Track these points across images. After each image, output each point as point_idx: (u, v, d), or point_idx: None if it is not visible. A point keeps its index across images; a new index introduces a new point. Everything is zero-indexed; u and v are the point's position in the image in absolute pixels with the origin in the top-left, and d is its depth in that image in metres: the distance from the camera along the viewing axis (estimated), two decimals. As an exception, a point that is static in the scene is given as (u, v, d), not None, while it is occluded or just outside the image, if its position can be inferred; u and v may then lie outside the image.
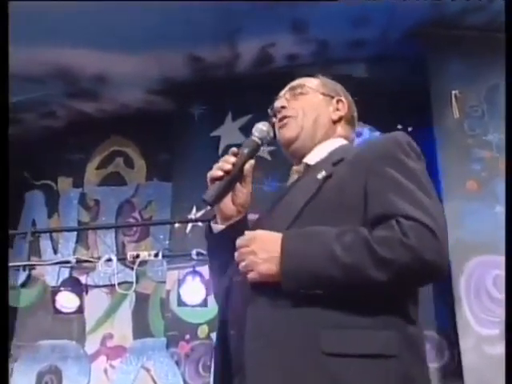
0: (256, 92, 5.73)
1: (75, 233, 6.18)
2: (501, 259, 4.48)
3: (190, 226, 5.51)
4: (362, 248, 1.41)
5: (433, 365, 4.79)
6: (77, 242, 6.14)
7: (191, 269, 4.87)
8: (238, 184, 1.73)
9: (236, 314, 1.57)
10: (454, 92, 4.96)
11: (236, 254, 1.52)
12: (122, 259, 5.25)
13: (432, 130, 4.98)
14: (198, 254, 4.85)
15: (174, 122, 6.06)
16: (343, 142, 1.81)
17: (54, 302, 4.99)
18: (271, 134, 1.79)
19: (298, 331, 1.42)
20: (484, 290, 4.48)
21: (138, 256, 5.04)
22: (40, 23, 4.83)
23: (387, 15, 5.09)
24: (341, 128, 1.85)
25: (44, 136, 6.39)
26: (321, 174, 1.59)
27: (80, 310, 5.07)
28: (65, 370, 5.66)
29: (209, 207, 1.74)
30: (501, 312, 4.40)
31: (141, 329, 5.69)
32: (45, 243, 6.13)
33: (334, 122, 1.84)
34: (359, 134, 5.46)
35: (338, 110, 1.86)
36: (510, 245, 2.01)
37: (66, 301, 5.01)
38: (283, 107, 1.83)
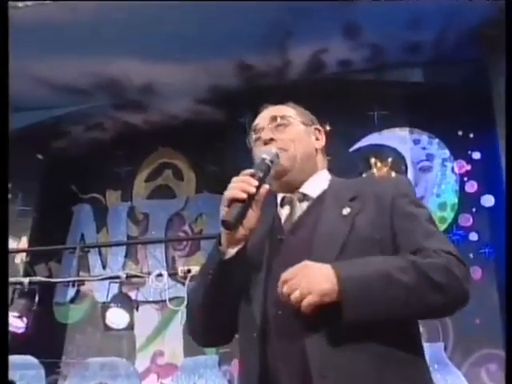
0: (308, 99, 5.67)
1: (124, 247, 6.19)
2: None
3: (240, 239, 5.42)
4: (417, 271, 1.52)
5: (500, 386, 4.61)
6: (126, 256, 6.14)
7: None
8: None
9: (282, 349, 1.58)
10: (517, 96, 4.80)
11: (284, 287, 1.51)
12: (172, 274, 5.23)
13: (495, 136, 4.82)
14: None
15: (223, 132, 6.00)
16: (328, 173, 1.93)
17: (103, 318, 4.98)
18: (279, 157, 1.80)
19: (361, 368, 1.49)
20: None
21: (189, 271, 5.00)
22: (88, 33, 4.86)
23: (444, 16, 4.98)
24: (322, 157, 1.95)
25: (91, 148, 6.43)
26: (345, 211, 1.70)
27: (130, 326, 5.08)
28: (115, 388, 5.65)
29: (227, 230, 1.63)
30: None
31: (192, 346, 5.56)
32: (94, 258, 6.14)
33: (316, 152, 1.93)
34: (417, 142, 5.36)
35: (317, 139, 1.95)
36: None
37: (116, 317, 5.01)
38: (272, 139, 1.85)
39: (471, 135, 5.25)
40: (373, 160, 5.39)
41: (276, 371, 1.56)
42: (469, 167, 5.25)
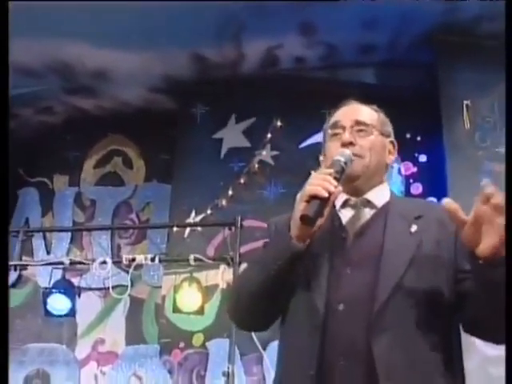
0: (261, 94, 5.73)
1: (69, 233, 6.14)
2: (509, 276, 4.44)
3: (188, 230, 5.46)
4: None
5: None
6: (71, 242, 6.09)
7: (188, 274, 4.84)
8: None
9: (343, 344, 1.65)
10: (465, 102, 4.92)
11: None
12: (117, 262, 5.21)
13: (441, 140, 4.94)
14: (196, 259, 4.84)
15: (175, 122, 6.00)
16: (388, 186, 1.98)
17: (44, 303, 4.95)
18: (352, 161, 1.84)
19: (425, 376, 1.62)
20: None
21: (133, 259, 5.02)
22: (41, 16, 4.79)
23: (398, 19, 5.05)
24: (386, 170, 2.01)
25: (40, 132, 6.36)
26: (413, 228, 1.79)
27: (72, 313, 5.07)
28: (53, 374, 5.61)
29: (305, 225, 1.70)
30: (508, 331, 4.34)
31: (134, 335, 5.66)
32: (37, 243, 6.08)
33: (386, 165, 1.98)
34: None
35: (390, 153, 1.99)
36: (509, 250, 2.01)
37: (58, 303, 5.00)
38: (351, 143, 1.89)
39: (418, 138, 5.35)
40: (321, 158, 5.45)
41: (334, 364, 1.64)
42: (415, 169, 5.35)
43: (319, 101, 5.57)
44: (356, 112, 1.98)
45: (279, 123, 5.50)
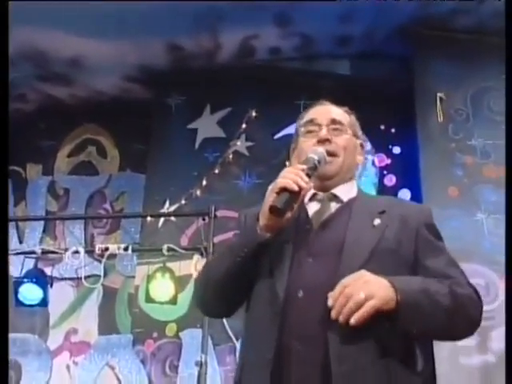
0: (236, 85, 5.73)
1: (42, 222, 6.10)
2: (480, 268, 4.49)
3: (162, 220, 5.47)
4: (455, 299, 1.69)
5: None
6: (43, 231, 6.06)
7: (161, 264, 4.83)
8: None
9: (301, 329, 1.70)
10: (439, 94, 4.97)
11: (346, 289, 1.62)
12: (89, 251, 5.20)
13: (415, 132, 4.99)
14: (169, 249, 4.83)
15: (150, 111, 5.99)
16: (356, 184, 2.05)
17: (16, 293, 4.92)
18: (326, 158, 1.90)
19: (378, 362, 1.64)
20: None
21: (106, 249, 5.00)
22: (14, 3, 4.72)
23: (374, 12, 5.09)
24: (356, 171, 2.08)
25: (13, 120, 6.27)
26: (376, 222, 1.85)
27: (44, 303, 5.02)
28: (25, 365, 5.57)
29: (274, 216, 1.76)
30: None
31: (107, 324, 5.64)
32: (10, 232, 6.03)
33: (356, 166, 2.06)
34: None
35: (360, 154, 2.06)
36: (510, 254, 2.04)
37: (29, 293, 4.96)
38: (328, 140, 1.95)
39: (393, 130, 5.39)
40: (292, 153, 5.46)
41: (291, 349, 1.69)
42: (389, 161, 5.40)
43: (294, 92, 5.61)
44: (331, 111, 2.04)
45: (254, 114, 5.51)
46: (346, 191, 1.97)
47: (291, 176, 1.75)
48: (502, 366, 2.40)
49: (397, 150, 5.40)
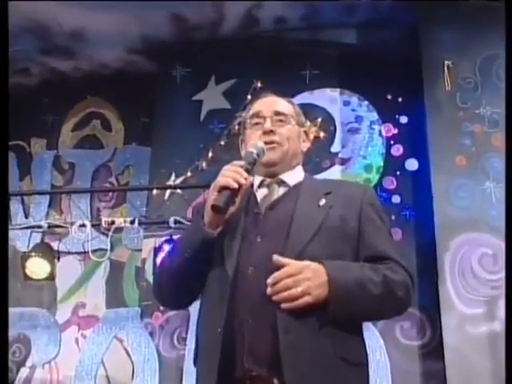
0: (241, 56, 5.69)
1: (48, 197, 6.10)
2: (488, 237, 4.50)
3: (168, 192, 5.46)
4: (386, 286, 1.85)
5: (413, 342, 4.81)
6: (49, 206, 6.07)
7: (168, 237, 4.85)
8: None
9: (251, 304, 1.82)
10: (446, 62, 4.93)
11: (287, 280, 1.77)
12: (96, 225, 5.25)
13: (422, 101, 4.96)
14: (176, 221, 4.86)
15: (154, 83, 5.96)
16: (302, 169, 2.21)
17: (23, 267, 4.96)
18: (265, 151, 2.05)
19: (318, 331, 1.80)
20: (469, 268, 4.50)
21: (113, 222, 5.05)
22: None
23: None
24: (302, 157, 2.23)
25: (16, 94, 6.26)
26: (322, 202, 2.00)
27: (51, 277, 5.09)
28: (34, 339, 5.63)
29: (216, 214, 1.88)
30: (485, 291, 4.43)
31: (114, 298, 5.67)
32: (16, 207, 6.05)
33: (301, 152, 2.22)
34: (347, 103, 5.44)
35: (304, 141, 2.22)
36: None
37: (37, 267, 5.02)
38: (272, 131, 2.10)
39: (400, 99, 5.34)
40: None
41: (242, 321, 1.81)
42: (395, 131, 5.37)
43: (300, 62, 5.58)
44: (275, 103, 2.20)
45: (260, 84, 5.47)
46: (292, 176, 2.12)
47: (230, 174, 1.88)
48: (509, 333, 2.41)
49: (404, 119, 5.36)
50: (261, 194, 2.09)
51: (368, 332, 5.12)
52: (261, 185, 2.11)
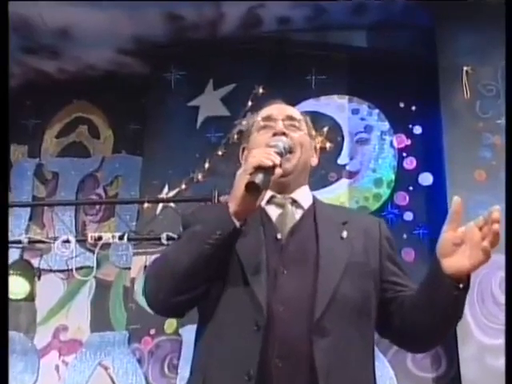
0: (242, 58, 5.69)
1: (28, 209, 6.08)
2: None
3: (160, 206, 5.46)
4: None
5: (427, 374, 4.77)
6: (30, 219, 6.04)
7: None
8: None
9: (283, 345, 1.79)
10: (465, 68, 4.92)
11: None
12: (81, 241, 5.26)
13: (438, 110, 4.94)
14: (169, 238, 4.89)
15: (147, 88, 5.95)
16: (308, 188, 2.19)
17: None
18: (291, 146, 2.02)
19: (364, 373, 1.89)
20: (489, 293, 4.46)
21: (100, 238, 5.06)
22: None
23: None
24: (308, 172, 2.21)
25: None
26: (344, 234, 2.00)
27: (30, 297, 5.12)
28: (9, 366, 5.55)
29: (251, 193, 1.79)
30: (507, 319, 4.35)
31: (100, 321, 5.62)
32: (-7, 220, 6.01)
33: (310, 167, 2.19)
34: (356, 112, 5.42)
35: (313, 156, 2.20)
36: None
37: (15, 286, 4.98)
38: (284, 134, 2.06)
39: (413, 108, 5.33)
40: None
41: (271, 365, 1.77)
42: (408, 142, 5.34)
43: (305, 66, 5.57)
44: (287, 109, 2.19)
45: (261, 90, 5.47)
46: (303, 196, 2.11)
47: (262, 154, 1.83)
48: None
49: (418, 129, 5.33)
50: (272, 212, 2.05)
51: (377, 361, 5.09)
52: (270, 201, 2.07)
